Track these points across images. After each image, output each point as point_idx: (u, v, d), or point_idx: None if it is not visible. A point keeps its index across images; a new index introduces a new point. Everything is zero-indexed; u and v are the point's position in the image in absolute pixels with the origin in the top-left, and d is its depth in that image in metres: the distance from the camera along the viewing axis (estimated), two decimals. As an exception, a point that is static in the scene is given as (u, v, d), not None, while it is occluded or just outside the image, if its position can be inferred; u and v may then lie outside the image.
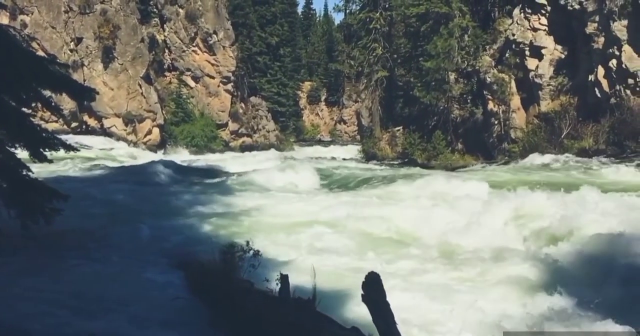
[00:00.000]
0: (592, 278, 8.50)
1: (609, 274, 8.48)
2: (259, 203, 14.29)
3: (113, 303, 7.23)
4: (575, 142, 25.17)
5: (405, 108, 37.57)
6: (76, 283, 7.89)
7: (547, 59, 28.29)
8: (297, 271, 7.58)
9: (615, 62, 24.80)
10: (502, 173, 20.74)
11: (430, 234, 11.09)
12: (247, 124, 44.13)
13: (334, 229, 11.61)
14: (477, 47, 31.27)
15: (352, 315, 6.98)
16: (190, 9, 40.08)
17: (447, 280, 8.91)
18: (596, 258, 9.05)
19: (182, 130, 38.47)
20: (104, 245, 9.95)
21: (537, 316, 7.10)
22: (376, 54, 37.67)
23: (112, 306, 7.14)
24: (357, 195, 16.10)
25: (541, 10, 28.71)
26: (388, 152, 35.80)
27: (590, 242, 9.52)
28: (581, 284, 8.27)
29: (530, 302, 7.78)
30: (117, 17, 35.59)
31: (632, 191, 13.51)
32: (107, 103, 35.11)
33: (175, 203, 14.35)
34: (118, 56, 35.45)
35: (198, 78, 41.05)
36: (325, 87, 65.94)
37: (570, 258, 9.25)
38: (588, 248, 9.38)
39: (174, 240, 10.36)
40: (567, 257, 9.29)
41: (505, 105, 29.34)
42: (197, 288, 7.71)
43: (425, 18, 32.23)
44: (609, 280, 8.31)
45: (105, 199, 14.22)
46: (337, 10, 59.45)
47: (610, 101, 24.94)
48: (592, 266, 8.86)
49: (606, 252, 9.14)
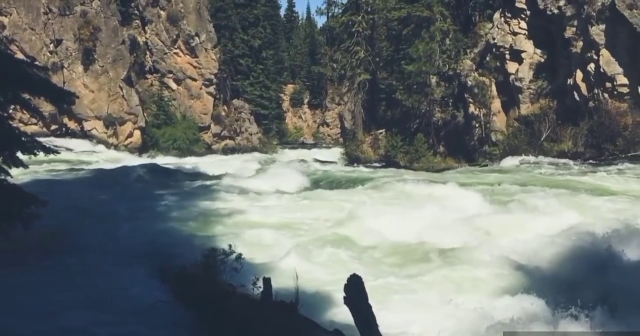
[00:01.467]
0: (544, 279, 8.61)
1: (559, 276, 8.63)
2: (241, 206, 14.24)
3: (92, 307, 7.15)
4: (555, 145, 25.51)
5: (388, 111, 37.74)
6: (54, 287, 7.79)
7: (527, 63, 28.66)
8: (279, 274, 7.58)
9: (593, 66, 25.21)
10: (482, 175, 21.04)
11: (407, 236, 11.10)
12: (230, 127, 43.94)
13: (316, 232, 11.60)
14: (458, 50, 31.56)
15: (334, 318, 6.99)
16: (172, 11, 39.84)
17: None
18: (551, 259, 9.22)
19: (164, 133, 38.17)
20: (82, 248, 9.83)
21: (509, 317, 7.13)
22: (358, 57, 37.78)
23: (91, 310, 7.06)
24: (342, 197, 16.10)
25: (521, 15, 29.09)
26: (371, 154, 35.90)
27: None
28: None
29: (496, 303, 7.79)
30: (97, 19, 35.23)
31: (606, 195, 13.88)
32: (87, 106, 34.73)
33: (156, 207, 14.23)
34: (98, 58, 35.09)
35: (180, 80, 40.79)
36: (308, 89, 66.01)
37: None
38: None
39: (154, 243, 10.25)
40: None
41: (485, 108, 29.64)
42: (179, 292, 7.67)
43: (407, 21, 32.45)
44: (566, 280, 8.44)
45: (85, 203, 14.06)
46: (320, 13, 59.63)
47: (589, 104, 25.34)
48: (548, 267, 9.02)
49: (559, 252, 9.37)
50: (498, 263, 9.38)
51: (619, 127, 23.86)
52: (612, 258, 8.84)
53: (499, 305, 7.59)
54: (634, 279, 8.06)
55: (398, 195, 15.18)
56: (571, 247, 9.41)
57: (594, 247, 9.32)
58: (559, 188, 15.17)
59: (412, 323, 7.21)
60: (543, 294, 7.83)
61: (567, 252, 9.30)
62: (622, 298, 7.33)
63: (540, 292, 7.89)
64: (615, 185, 16.00)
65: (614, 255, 8.90)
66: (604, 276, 8.34)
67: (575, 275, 8.60)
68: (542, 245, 9.71)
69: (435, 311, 7.49)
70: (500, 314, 7.22)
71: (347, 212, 12.99)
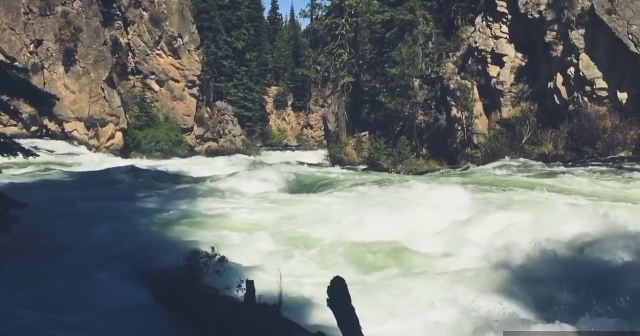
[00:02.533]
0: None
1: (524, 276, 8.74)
2: (225, 209, 14.18)
3: (72, 311, 7.07)
4: (536, 148, 25.79)
5: (372, 114, 37.91)
6: (34, 291, 7.69)
7: (509, 67, 28.98)
8: (262, 277, 7.56)
9: (573, 70, 25.57)
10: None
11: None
12: (213, 129, 43.78)
13: (300, 234, 11.59)
14: (440, 54, 31.81)
15: (318, 321, 6.98)
16: (155, 13, 39.61)
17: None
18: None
19: (147, 135, 37.89)
20: (63, 252, 9.70)
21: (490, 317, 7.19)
22: (342, 60, 37.89)
23: (71, 314, 6.98)
24: (325, 199, 16.11)
25: (502, 19, 29.41)
26: (354, 157, 36.00)
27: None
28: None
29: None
30: (79, 20, 34.89)
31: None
32: (68, 107, 34.34)
33: (138, 209, 14.10)
34: (80, 59, 34.73)
35: (163, 82, 40.55)
36: (292, 92, 66.02)
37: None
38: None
39: (136, 246, 10.15)
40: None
41: (468, 111, 29.90)
42: (161, 295, 7.61)
43: (391, 25, 32.64)
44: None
45: (65, 206, 13.86)
46: (304, 15, 59.51)
47: (569, 108, 25.69)
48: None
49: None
50: (475, 263, 9.48)
51: (599, 130, 24.21)
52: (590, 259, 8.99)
53: (482, 306, 7.64)
54: (616, 278, 8.17)
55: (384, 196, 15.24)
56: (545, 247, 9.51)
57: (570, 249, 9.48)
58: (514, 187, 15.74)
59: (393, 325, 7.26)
60: (524, 294, 7.92)
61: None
62: (609, 297, 7.40)
63: (521, 292, 7.97)
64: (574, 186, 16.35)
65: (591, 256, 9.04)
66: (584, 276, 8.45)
67: (555, 275, 8.70)
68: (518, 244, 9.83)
69: (416, 314, 7.52)
70: (484, 315, 7.26)
71: (326, 214, 12.99)
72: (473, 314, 7.25)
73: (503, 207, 12.49)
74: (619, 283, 8.05)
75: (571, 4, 25.51)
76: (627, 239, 9.63)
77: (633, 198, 13.73)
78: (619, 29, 23.82)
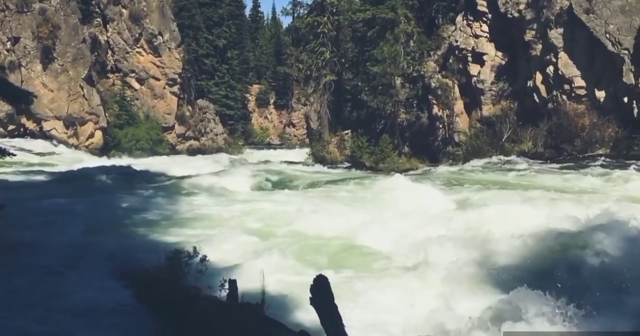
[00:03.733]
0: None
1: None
2: (206, 208, 14.10)
3: (52, 311, 6.96)
4: (516, 145, 26.07)
5: (354, 112, 37.95)
6: (11, 292, 7.56)
7: (489, 65, 29.24)
8: (245, 276, 7.52)
9: (552, 68, 25.90)
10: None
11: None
12: (194, 127, 43.48)
13: (282, 233, 11.56)
14: (422, 52, 31.96)
15: (301, 319, 6.98)
16: (134, 10, 39.18)
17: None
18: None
19: (127, 133, 37.50)
20: (41, 252, 9.52)
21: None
22: (324, 58, 37.86)
23: (51, 314, 6.88)
24: (307, 196, 16.13)
25: (483, 18, 29.66)
26: (337, 155, 36.01)
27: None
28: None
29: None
30: (56, 17, 34.37)
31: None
32: (46, 105, 33.84)
33: (118, 209, 13.92)
34: (58, 57, 34.23)
35: (143, 80, 40.15)
36: (274, 90, 65.89)
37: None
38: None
39: (116, 247, 9.99)
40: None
41: (449, 109, 30.10)
42: (142, 296, 7.53)
43: (372, 23, 32.68)
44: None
45: (43, 206, 13.65)
46: (285, 13, 59.10)
47: (548, 106, 26.02)
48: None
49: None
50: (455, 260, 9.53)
51: (577, 128, 24.56)
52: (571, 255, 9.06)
53: (465, 305, 7.68)
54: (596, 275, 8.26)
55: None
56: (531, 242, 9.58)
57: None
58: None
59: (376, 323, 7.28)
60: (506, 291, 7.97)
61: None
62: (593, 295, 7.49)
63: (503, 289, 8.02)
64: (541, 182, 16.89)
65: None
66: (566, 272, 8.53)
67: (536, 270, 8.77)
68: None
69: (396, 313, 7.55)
70: (466, 314, 7.29)
71: (307, 212, 12.99)
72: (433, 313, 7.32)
73: (465, 204, 12.71)
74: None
75: (550, 3, 25.83)
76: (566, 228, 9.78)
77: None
78: (597, 28, 24.17)
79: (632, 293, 7.31)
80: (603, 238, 8.73)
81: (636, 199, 12.94)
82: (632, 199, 12.96)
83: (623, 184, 15.75)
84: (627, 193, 14.23)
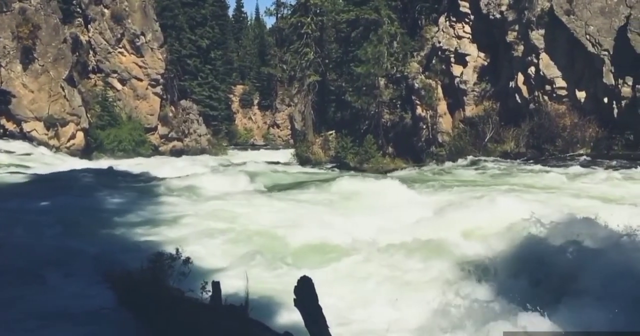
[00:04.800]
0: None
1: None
2: (189, 209, 13.96)
3: (29, 316, 6.83)
4: (498, 146, 26.30)
5: (338, 113, 38.02)
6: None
7: (471, 66, 29.47)
8: (229, 278, 7.48)
9: (533, 69, 26.17)
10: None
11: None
12: (178, 128, 43.20)
13: (266, 235, 11.50)
14: (405, 53, 32.11)
15: (285, 321, 6.95)
16: (116, 10, 38.83)
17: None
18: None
19: (109, 135, 37.13)
20: (20, 255, 9.33)
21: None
22: (308, 59, 37.86)
23: (29, 320, 6.75)
24: (292, 198, 16.06)
25: (465, 19, 29.88)
26: (321, 156, 36.03)
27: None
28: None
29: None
30: (37, 17, 33.91)
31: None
32: (26, 106, 33.36)
33: (99, 211, 13.72)
34: (38, 57, 33.77)
35: (125, 80, 39.79)
36: (258, 90, 65.72)
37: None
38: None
39: (97, 249, 9.81)
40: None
41: (432, 110, 30.27)
42: (125, 299, 7.44)
43: (356, 24, 32.79)
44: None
45: (23, 208, 13.43)
46: (269, 14, 58.96)
47: (530, 106, 26.28)
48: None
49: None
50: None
51: (558, 128, 24.84)
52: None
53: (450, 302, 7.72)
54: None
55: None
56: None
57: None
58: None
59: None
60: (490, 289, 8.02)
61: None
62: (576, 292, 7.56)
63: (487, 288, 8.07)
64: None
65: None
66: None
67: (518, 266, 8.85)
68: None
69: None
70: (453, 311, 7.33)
71: (294, 215, 12.94)
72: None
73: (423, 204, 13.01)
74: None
75: (531, 5, 26.10)
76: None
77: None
78: (577, 29, 24.48)
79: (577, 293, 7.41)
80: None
81: (588, 195, 13.91)
82: (584, 195, 13.86)
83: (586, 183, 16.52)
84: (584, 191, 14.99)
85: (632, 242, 7.92)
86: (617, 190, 15.09)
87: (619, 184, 16.14)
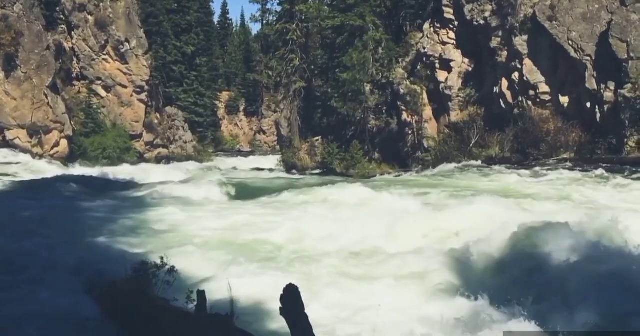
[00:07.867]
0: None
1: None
2: (173, 218, 13.83)
3: (7, 326, 6.70)
4: (483, 151, 26.48)
5: (324, 119, 37.98)
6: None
7: (456, 72, 29.68)
8: (214, 287, 7.40)
9: (517, 74, 26.42)
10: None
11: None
12: (163, 135, 42.93)
13: (252, 244, 11.43)
14: (390, 59, 32.26)
15: (271, 329, 6.90)
16: (100, 16, 38.57)
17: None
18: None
19: (93, 142, 36.78)
20: (1, 266, 9.16)
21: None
22: (294, 65, 37.85)
23: (7, 330, 6.62)
24: (278, 206, 15.99)
25: (449, 25, 30.11)
26: (308, 162, 35.98)
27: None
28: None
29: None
30: (19, 23, 33.55)
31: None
32: (9, 114, 32.94)
33: (83, 220, 13.52)
34: (21, 64, 33.38)
35: (109, 87, 39.49)
36: (244, 97, 65.60)
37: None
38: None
39: (81, 259, 9.64)
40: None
41: (418, 115, 30.42)
42: (109, 309, 7.34)
43: (341, 30, 32.87)
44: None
45: (4, 217, 13.21)
46: (254, 20, 59.21)
47: (514, 111, 26.52)
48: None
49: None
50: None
51: (542, 133, 25.09)
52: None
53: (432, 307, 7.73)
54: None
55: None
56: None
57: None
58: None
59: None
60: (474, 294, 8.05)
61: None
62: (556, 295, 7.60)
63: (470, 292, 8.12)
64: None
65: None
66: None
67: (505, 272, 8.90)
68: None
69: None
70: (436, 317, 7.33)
71: (280, 221, 12.89)
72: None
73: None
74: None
75: (514, 11, 26.39)
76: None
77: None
78: (560, 35, 24.78)
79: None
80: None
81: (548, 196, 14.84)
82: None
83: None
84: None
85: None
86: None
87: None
